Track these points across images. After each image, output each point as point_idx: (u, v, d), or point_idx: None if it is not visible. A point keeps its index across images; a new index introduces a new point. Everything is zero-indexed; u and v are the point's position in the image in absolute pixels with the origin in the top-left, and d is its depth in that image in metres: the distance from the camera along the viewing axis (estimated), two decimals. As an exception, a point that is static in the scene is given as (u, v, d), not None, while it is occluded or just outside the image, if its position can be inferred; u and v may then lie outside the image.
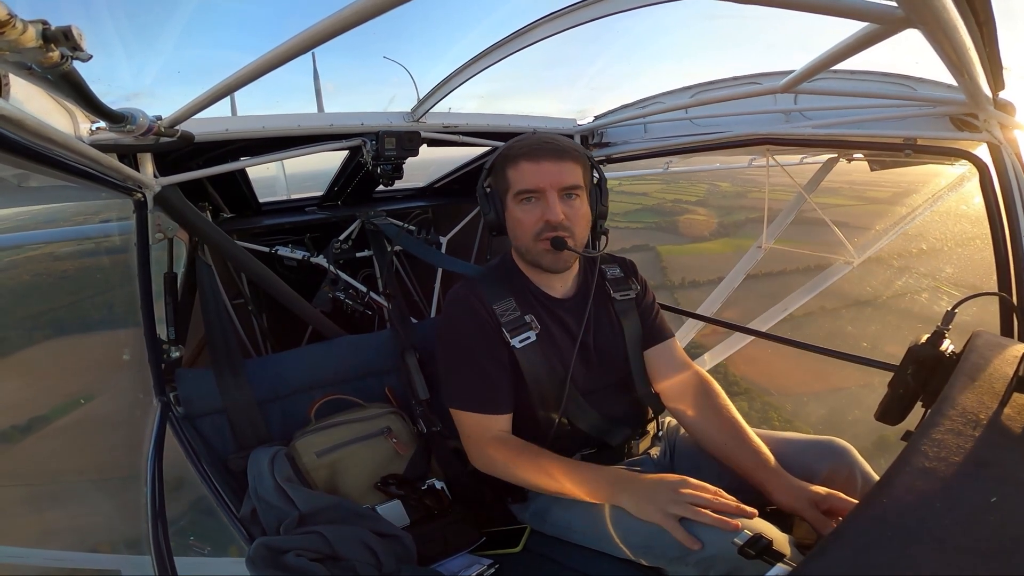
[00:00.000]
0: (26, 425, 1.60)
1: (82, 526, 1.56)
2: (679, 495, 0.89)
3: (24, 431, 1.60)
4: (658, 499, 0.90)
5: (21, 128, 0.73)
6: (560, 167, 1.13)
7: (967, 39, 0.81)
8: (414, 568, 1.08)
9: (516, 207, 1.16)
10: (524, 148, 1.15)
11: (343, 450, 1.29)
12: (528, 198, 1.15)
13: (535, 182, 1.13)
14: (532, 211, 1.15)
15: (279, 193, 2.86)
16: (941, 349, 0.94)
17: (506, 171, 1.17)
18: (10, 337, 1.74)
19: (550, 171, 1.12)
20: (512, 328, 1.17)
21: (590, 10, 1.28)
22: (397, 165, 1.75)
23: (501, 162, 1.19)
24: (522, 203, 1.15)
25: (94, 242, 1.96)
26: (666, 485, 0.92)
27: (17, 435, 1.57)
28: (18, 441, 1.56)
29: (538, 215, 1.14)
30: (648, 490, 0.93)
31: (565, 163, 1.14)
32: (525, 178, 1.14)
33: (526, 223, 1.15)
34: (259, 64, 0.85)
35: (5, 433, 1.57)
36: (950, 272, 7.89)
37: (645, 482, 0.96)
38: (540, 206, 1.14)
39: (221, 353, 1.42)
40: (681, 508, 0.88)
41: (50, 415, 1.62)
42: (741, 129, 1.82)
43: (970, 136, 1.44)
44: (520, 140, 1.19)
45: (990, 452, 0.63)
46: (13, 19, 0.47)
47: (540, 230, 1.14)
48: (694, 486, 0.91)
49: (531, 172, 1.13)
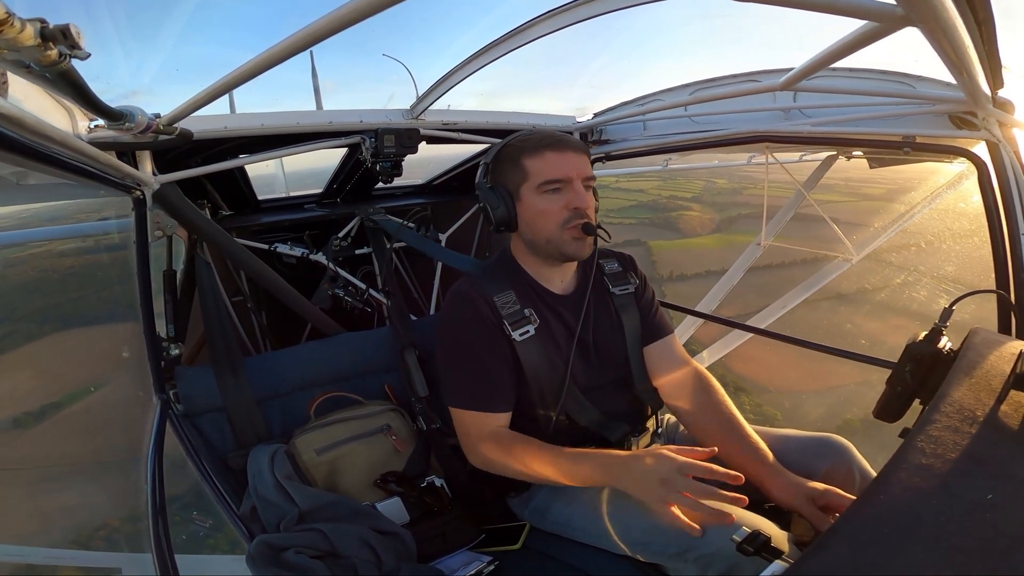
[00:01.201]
0: (25, 422, 1.60)
1: (83, 524, 1.56)
2: (670, 488, 0.90)
3: (24, 428, 1.60)
4: (650, 492, 0.92)
5: (20, 126, 0.73)
6: (581, 158, 1.18)
7: (966, 37, 0.81)
8: (414, 565, 1.08)
9: (538, 198, 1.16)
10: (545, 140, 1.17)
11: (343, 447, 1.30)
12: (555, 188, 1.15)
13: (563, 171, 1.15)
14: (557, 200, 1.15)
15: (278, 190, 2.86)
16: (939, 346, 0.94)
17: (522, 163, 1.17)
18: (9, 334, 1.74)
19: (575, 161, 1.16)
20: (513, 321, 1.17)
21: (589, 7, 1.27)
22: (396, 162, 1.75)
23: (512, 155, 1.19)
24: (545, 194, 1.16)
25: (93, 240, 1.96)
26: (657, 476, 0.92)
27: (17, 431, 1.57)
28: (17, 438, 1.56)
29: (563, 203, 1.15)
30: (640, 481, 0.94)
31: (583, 155, 1.19)
32: (552, 168, 1.15)
33: (551, 212, 1.15)
34: (258, 62, 0.84)
35: (5, 430, 1.57)
36: (949, 270, 7.92)
37: (636, 471, 0.95)
38: (566, 195, 1.15)
39: (220, 351, 1.42)
40: (675, 498, 0.89)
41: (50, 412, 1.62)
42: (740, 127, 1.82)
43: (969, 134, 1.44)
44: (529, 135, 1.20)
45: (987, 449, 0.63)
46: (11, 17, 0.47)
47: (568, 218, 1.15)
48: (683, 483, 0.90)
49: (558, 162, 1.15)
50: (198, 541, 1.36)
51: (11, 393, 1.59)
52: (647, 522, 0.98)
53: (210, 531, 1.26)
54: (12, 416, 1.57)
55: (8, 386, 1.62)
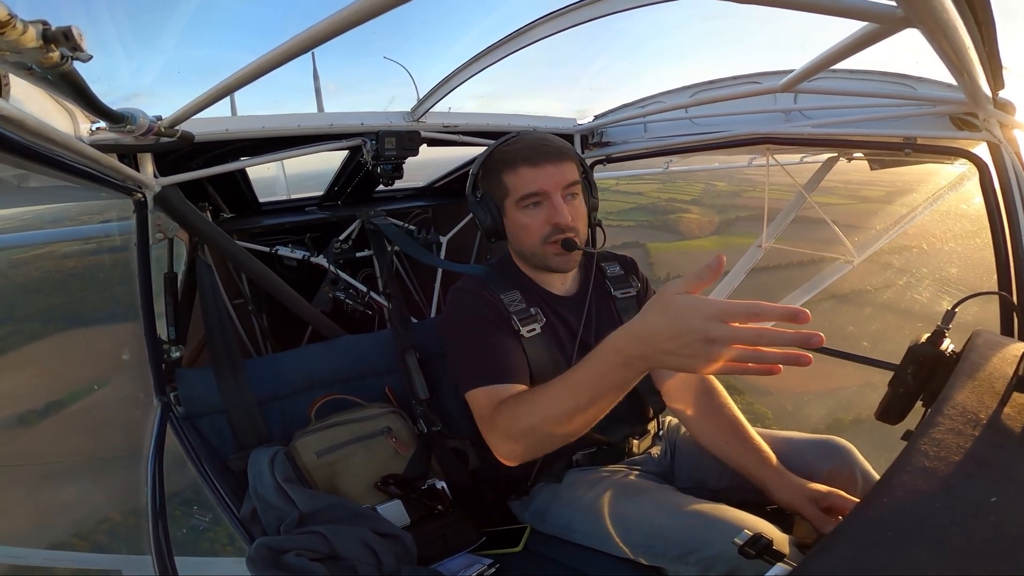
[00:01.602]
0: (25, 424, 1.60)
1: (83, 526, 1.56)
2: (716, 344, 0.62)
3: (23, 430, 1.60)
4: (691, 358, 0.65)
5: (21, 128, 0.73)
6: (559, 167, 1.12)
7: (966, 38, 0.81)
8: (414, 568, 1.08)
9: (519, 213, 1.14)
10: (520, 153, 1.13)
11: (343, 450, 1.29)
12: (533, 203, 1.13)
13: (538, 185, 1.11)
14: (537, 215, 1.13)
15: (279, 193, 2.86)
16: (941, 348, 0.94)
17: (501, 177, 1.15)
18: (9, 336, 1.74)
19: (551, 173, 1.11)
20: (522, 318, 1.16)
21: (589, 9, 1.28)
22: (397, 165, 1.75)
23: (494, 167, 1.16)
24: (525, 208, 1.14)
25: (94, 242, 1.96)
26: (694, 336, 0.63)
27: (16, 433, 1.57)
28: (17, 439, 1.56)
29: (543, 219, 1.12)
30: (673, 349, 0.66)
31: (563, 163, 1.13)
32: (527, 183, 1.11)
33: (532, 228, 1.14)
34: (259, 64, 0.85)
35: (4, 431, 1.57)
36: (952, 272, 7.91)
37: (661, 337, 0.67)
38: (545, 209, 1.12)
39: (221, 353, 1.42)
40: (726, 354, 0.63)
41: (50, 413, 1.62)
42: (741, 128, 1.82)
43: (970, 135, 1.44)
44: (509, 144, 1.16)
45: (990, 451, 0.63)
46: (13, 19, 0.47)
47: (548, 233, 1.13)
48: (729, 333, 0.62)
49: (532, 176, 1.11)
50: (198, 541, 1.35)
51: (9, 393, 1.59)
52: (649, 525, 0.98)
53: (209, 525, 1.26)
54: (10, 416, 1.57)
55: (6, 387, 1.62)
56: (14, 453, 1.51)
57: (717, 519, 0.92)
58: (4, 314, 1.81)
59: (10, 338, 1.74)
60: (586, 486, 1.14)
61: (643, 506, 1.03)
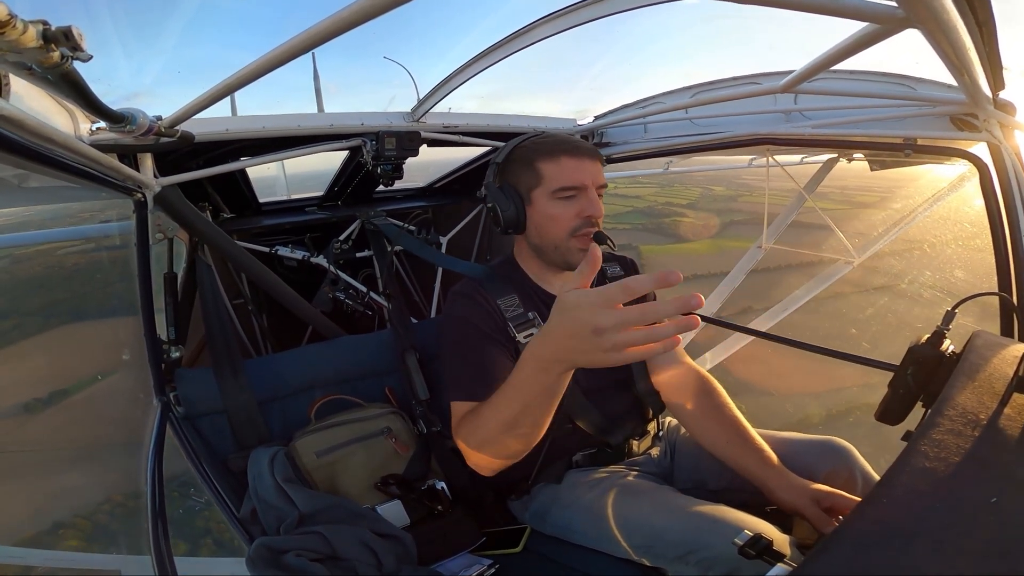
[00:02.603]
0: (24, 423, 1.60)
1: (82, 526, 1.56)
2: (605, 333, 0.61)
3: (23, 427, 1.60)
4: (590, 353, 0.64)
5: (21, 128, 0.73)
6: (596, 165, 1.17)
7: (967, 39, 0.81)
8: (414, 568, 1.08)
9: (550, 203, 1.15)
10: (561, 145, 1.15)
11: (343, 450, 1.29)
12: (569, 195, 1.14)
13: (579, 178, 1.14)
14: (569, 207, 1.14)
15: (279, 193, 2.86)
16: (941, 349, 0.94)
17: (537, 166, 1.15)
18: (9, 336, 1.74)
19: (591, 169, 1.15)
20: (517, 324, 1.16)
21: (590, 10, 1.28)
22: (397, 165, 1.75)
23: (527, 156, 1.17)
24: (559, 199, 1.15)
25: (94, 242, 1.96)
26: (583, 329, 0.63)
27: (16, 432, 1.57)
28: (17, 438, 1.55)
29: (575, 211, 1.14)
30: (571, 347, 0.66)
31: (597, 162, 1.18)
32: (568, 175, 1.14)
33: (562, 219, 1.15)
34: (259, 64, 0.85)
35: (4, 431, 1.57)
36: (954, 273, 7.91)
37: (556, 338, 0.68)
38: (578, 202, 1.14)
39: (221, 353, 1.42)
40: (622, 340, 0.61)
41: (49, 412, 1.62)
42: (741, 129, 1.82)
43: (970, 136, 1.44)
44: (545, 136, 1.19)
45: (990, 452, 0.63)
46: (13, 19, 0.47)
47: (578, 226, 1.14)
48: (617, 317, 0.61)
49: (575, 167, 1.14)
50: (198, 542, 1.35)
51: (10, 393, 1.59)
52: (649, 525, 0.98)
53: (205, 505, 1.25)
54: (10, 414, 1.58)
55: (6, 385, 1.62)
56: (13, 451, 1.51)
57: (717, 519, 0.92)
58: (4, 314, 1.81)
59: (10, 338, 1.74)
60: (586, 487, 1.14)
61: (643, 507, 1.03)
